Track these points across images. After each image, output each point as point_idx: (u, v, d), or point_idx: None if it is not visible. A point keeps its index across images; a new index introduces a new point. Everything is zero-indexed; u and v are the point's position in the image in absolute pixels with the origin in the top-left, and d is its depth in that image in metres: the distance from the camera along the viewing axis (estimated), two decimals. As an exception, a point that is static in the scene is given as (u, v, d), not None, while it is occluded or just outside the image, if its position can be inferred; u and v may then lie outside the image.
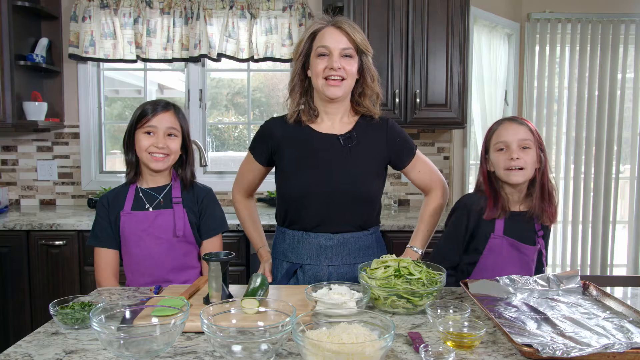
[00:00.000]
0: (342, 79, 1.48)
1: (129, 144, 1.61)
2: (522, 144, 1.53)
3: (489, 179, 1.61)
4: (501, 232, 1.56)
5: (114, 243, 1.61)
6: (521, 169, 1.52)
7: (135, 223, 1.58)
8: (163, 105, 1.61)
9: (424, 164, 1.65)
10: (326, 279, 1.53)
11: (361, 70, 1.54)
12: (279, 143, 1.58)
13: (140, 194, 1.62)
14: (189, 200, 1.65)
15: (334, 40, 1.47)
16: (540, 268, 1.62)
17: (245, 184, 1.73)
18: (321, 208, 1.51)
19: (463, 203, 1.65)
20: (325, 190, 1.50)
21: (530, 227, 1.60)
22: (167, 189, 1.64)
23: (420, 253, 1.62)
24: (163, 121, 1.58)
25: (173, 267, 1.60)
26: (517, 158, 1.51)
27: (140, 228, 1.58)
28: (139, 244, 1.58)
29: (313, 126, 1.57)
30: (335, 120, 1.57)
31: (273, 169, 1.69)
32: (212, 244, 1.67)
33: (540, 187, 1.56)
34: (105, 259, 1.60)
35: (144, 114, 1.58)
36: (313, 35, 1.52)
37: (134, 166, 1.63)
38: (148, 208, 1.61)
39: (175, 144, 1.60)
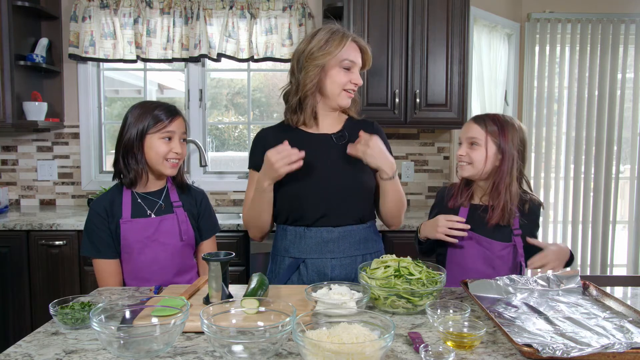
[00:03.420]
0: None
1: (136, 150, 1.53)
2: (470, 141, 1.59)
3: None
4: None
5: (115, 253, 1.55)
6: (469, 163, 1.58)
7: (138, 230, 1.54)
8: (175, 110, 1.58)
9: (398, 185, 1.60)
10: (329, 272, 1.55)
11: None
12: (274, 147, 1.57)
13: (139, 200, 1.58)
14: (187, 203, 1.64)
15: (357, 56, 1.55)
16: (515, 269, 1.58)
17: None
18: (323, 203, 1.55)
19: (437, 194, 1.80)
20: (325, 186, 1.54)
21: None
22: (165, 193, 1.62)
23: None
24: (179, 126, 1.56)
25: (177, 270, 1.59)
26: (461, 155, 1.60)
27: (144, 235, 1.54)
28: (143, 251, 1.54)
29: (304, 129, 1.62)
30: (327, 123, 1.63)
31: None
32: (211, 245, 1.69)
33: (492, 183, 1.58)
34: (109, 270, 1.55)
35: (159, 118, 1.53)
36: (341, 42, 1.50)
37: (140, 172, 1.55)
38: (150, 214, 1.57)
39: (185, 149, 1.61)
